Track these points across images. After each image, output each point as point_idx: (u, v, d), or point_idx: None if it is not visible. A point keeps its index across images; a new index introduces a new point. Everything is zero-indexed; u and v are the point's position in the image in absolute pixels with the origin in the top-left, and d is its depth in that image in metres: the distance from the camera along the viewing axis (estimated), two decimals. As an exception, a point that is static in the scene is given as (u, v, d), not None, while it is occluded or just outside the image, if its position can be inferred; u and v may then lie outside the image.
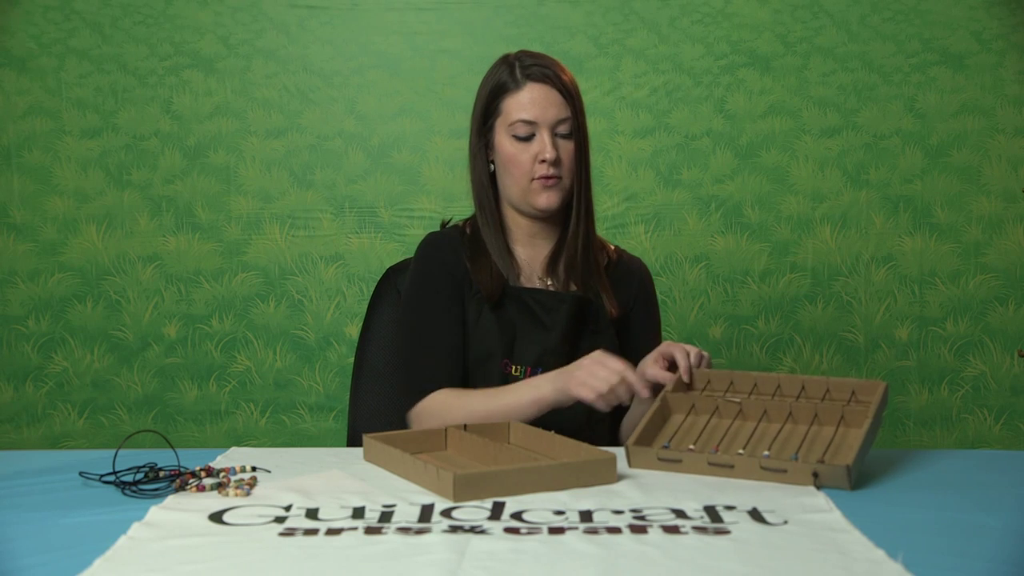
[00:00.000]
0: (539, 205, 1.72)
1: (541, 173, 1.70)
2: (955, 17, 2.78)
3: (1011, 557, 1.06)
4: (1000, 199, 2.80)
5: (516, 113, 1.71)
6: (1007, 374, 2.81)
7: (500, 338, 1.72)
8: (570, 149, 1.72)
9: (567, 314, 1.73)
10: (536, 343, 1.72)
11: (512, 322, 1.73)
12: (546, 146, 1.69)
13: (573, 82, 1.75)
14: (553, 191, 1.71)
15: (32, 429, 2.79)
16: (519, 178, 1.72)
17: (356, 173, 2.79)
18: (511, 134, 1.71)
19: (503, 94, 1.73)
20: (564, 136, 1.72)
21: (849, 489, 1.30)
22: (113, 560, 1.04)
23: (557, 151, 1.70)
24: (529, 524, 1.15)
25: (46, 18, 2.76)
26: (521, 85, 1.72)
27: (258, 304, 2.80)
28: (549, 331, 1.72)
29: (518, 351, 1.72)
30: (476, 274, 1.75)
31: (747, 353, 2.81)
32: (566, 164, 1.71)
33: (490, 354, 1.72)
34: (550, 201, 1.72)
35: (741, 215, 2.80)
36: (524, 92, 1.71)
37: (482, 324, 1.74)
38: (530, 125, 1.70)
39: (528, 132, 1.70)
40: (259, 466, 1.43)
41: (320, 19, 2.78)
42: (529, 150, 1.70)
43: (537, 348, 1.72)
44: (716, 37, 2.78)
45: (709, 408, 1.52)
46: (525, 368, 1.72)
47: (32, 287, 2.78)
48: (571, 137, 1.72)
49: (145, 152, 2.78)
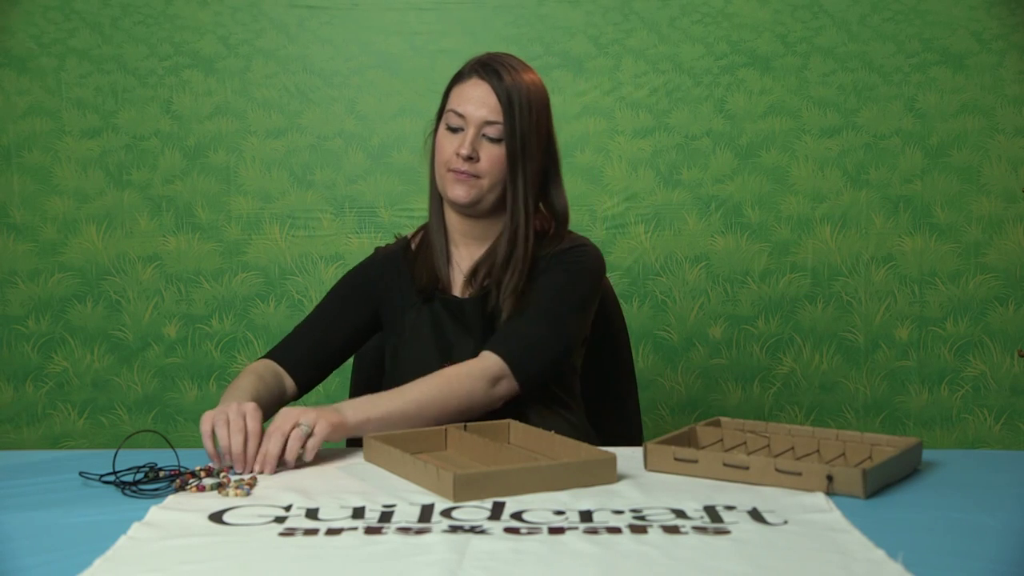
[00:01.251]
0: (448, 195, 1.71)
1: (453, 166, 1.69)
2: (955, 17, 2.78)
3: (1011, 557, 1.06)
4: (1000, 199, 2.80)
5: (453, 103, 1.71)
6: (1007, 374, 2.81)
7: (437, 343, 1.73)
8: (494, 153, 1.69)
9: (475, 317, 1.73)
10: (469, 346, 1.72)
11: (447, 327, 1.74)
12: (465, 142, 1.67)
13: (526, 93, 1.69)
14: (463, 185, 1.69)
15: (32, 429, 2.79)
16: (438, 166, 1.72)
17: (356, 173, 2.79)
18: (446, 123, 1.71)
19: (454, 83, 1.74)
20: (492, 139, 1.69)
21: (863, 497, 1.26)
22: (113, 560, 1.04)
23: (478, 151, 1.68)
24: (529, 524, 1.15)
25: (46, 18, 2.76)
26: (466, 78, 1.71)
27: (258, 304, 2.80)
28: (474, 336, 1.72)
29: (456, 355, 1.71)
30: (415, 273, 1.78)
31: (747, 353, 2.81)
32: (485, 166, 1.69)
33: (429, 359, 1.72)
34: (457, 194, 1.69)
35: (741, 215, 2.80)
36: (466, 86, 1.70)
37: (420, 329, 1.75)
38: (460, 118, 1.69)
39: (458, 124, 1.69)
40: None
41: (320, 19, 2.78)
42: (453, 141, 1.69)
43: (472, 351, 1.70)
44: (716, 37, 2.78)
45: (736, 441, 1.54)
46: None
47: (32, 287, 2.78)
48: (499, 142, 1.69)
49: (145, 152, 2.78)
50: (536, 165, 1.72)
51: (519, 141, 1.69)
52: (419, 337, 1.75)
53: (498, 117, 1.68)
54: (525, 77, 1.71)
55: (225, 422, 1.42)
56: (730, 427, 1.59)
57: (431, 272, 1.77)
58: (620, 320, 2.01)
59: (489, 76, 1.69)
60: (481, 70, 1.70)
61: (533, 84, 1.72)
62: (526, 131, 1.69)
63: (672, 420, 2.81)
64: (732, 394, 2.82)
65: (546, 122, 1.75)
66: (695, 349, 2.82)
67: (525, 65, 1.74)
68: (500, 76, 1.69)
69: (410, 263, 1.81)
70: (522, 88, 1.69)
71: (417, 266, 1.79)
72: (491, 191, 1.71)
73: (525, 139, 1.69)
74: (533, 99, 1.71)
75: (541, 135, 1.73)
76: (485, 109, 1.68)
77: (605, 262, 1.81)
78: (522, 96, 1.69)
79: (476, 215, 1.74)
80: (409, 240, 1.86)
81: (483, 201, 1.71)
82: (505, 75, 1.69)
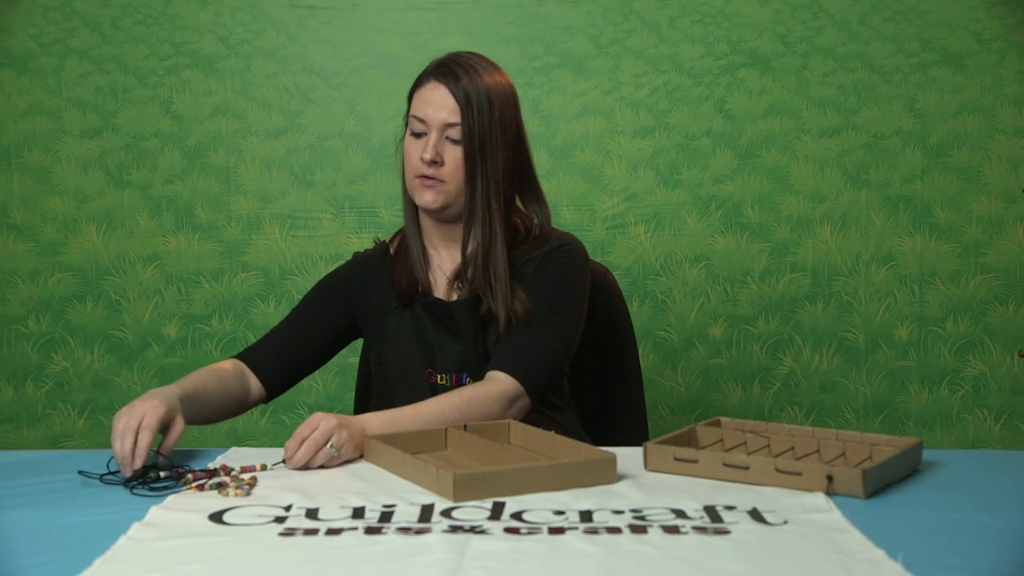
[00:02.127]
0: (419, 203, 1.70)
1: (420, 172, 1.68)
2: (955, 17, 2.78)
3: (1011, 557, 1.06)
4: (1000, 199, 2.80)
5: (414, 108, 1.70)
6: (1007, 374, 2.81)
7: (420, 348, 1.72)
8: (456, 154, 1.67)
9: (466, 320, 1.72)
10: (454, 350, 1.71)
11: (430, 331, 1.73)
12: (427, 146, 1.66)
13: (483, 91, 1.67)
14: (430, 191, 1.68)
15: (32, 429, 2.79)
16: (407, 172, 1.71)
17: (356, 173, 2.79)
18: (410, 129, 1.70)
19: (415, 88, 1.72)
20: (454, 141, 1.67)
21: (863, 497, 1.26)
22: (113, 560, 1.04)
23: (441, 153, 1.67)
24: (529, 524, 1.15)
25: (46, 18, 2.76)
26: (424, 82, 1.70)
27: (258, 304, 2.80)
28: (461, 338, 1.72)
29: (440, 359, 1.72)
30: (394, 278, 1.76)
31: (747, 353, 2.81)
32: (449, 169, 1.67)
33: (412, 364, 1.72)
34: (426, 200, 1.68)
35: (741, 215, 2.80)
36: (424, 89, 1.69)
37: (402, 335, 1.74)
38: (421, 123, 1.68)
39: (421, 129, 1.68)
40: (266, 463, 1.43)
41: (320, 19, 2.78)
42: (418, 147, 1.68)
43: (456, 355, 1.71)
44: (716, 37, 2.78)
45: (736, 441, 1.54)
46: (450, 375, 1.71)
47: (32, 287, 2.78)
48: (459, 143, 1.67)
49: (145, 152, 2.78)
50: (501, 164, 1.68)
51: (478, 141, 1.66)
52: (402, 342, 1.74)
53: (456, 118, 1.66)
54: (485, 76, 1.68)
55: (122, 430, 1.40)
56: (730, 427, 1.59)
57: (410, 277, 1.75)
58: (626, 317, 2.00)
59: (446, 78, 1.67)
60: (438, 72, 1.69)
61: (494, 82, 1.69)
62: (485, 130, 1.66)
63: (672, 420, 2.81)
64: (732, 394, 2.82)
65: (512, 119, 1.71)
66: (695, 349, 2.82)
67: (489, 63, 1.71)
68: (457, 76, 1.67)
69: (389, 267, 1.79)
70: (480, 87, 1.67)
71: (396, 271, 1.77)
72: (459, 195, 1.69)
73: (484, 138, 1.66)
74: (493, 97, 1.67)
75: (507, 132, 1.69)
76: (444, 111, 1.66)
77: (587, 250, 1.81)
78: (480, 95, 1.66)
79: (449, 219, 1.73)
80: (388, 244, 1.84)
81: (453, 205, 1.70)
82: (463, 75, 1.67)
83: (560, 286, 1.72)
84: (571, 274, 1.74)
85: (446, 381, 1.71)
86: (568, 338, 1.71)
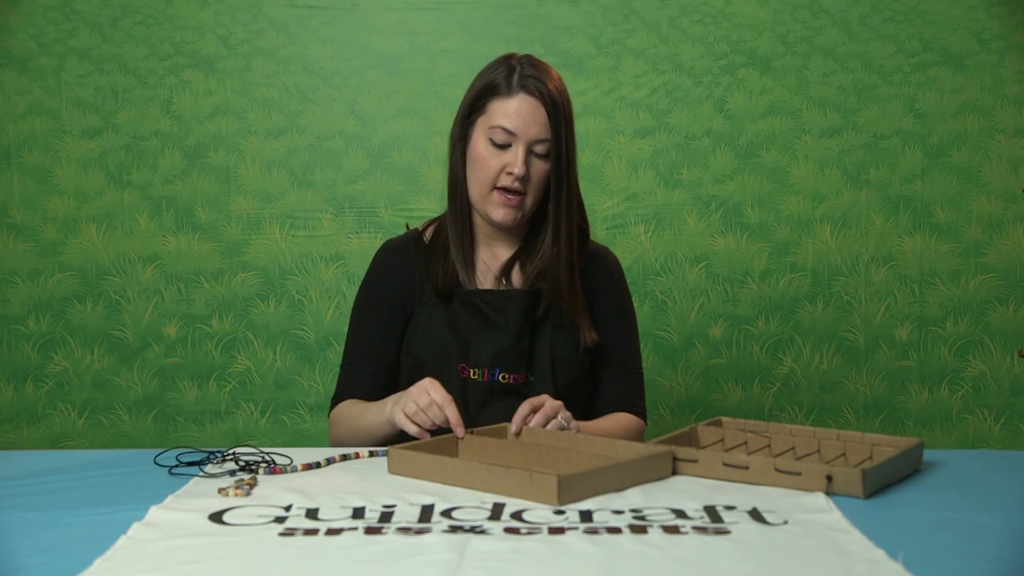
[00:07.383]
0: (495, 218, 1.70)
1: (503, 184, 1.67)
2: (955, 17, 2.78)
3: (1011, 557, 1.06)
4: (1000, 199, 2.80)
5: (499, 119, 1.67)
6: (1007, 374, 2.81)
7: (454, 342, 1.72)
8: (541, 170, 1.69)
9: (516, 312, 1.72)
10: (490, 344, 1.71)
11: (465, 325, 1.73)
12: (518, 160, 1.66)
13: (566, 104, 1.70)
14: (512, 209, 1.69)
15: (32, 429, 2.79)
16: (483, 181, 1.69)
17: (356, 173, 2.79)
18: (489, 137, 1.68)
19: (493, 95, 1.69)
20: (540, 156, 1.68)
21: (863, 497, 1.26)
22: (113, 560, 1.04)
23: (528, 169, 1.67)
24: (529, 524, 1.16)
25: (46, 18, 2.76)
26: (512, 93, 1.68)
27: (258, 304, 2.80)
28: (501, 330, 1.72)
29: (473, 354, 1.71)
30: (431, 271, 1.75)
31: (747, 353, 2.81)
32: (532, 184, 1.69)
33: (446, 358, 1.72)
34: (506, 217, 1.70)
35: (741, 215, 2.80)
36: (513, 101, 1.67)
37: (435, 328, 1.74)
38: (509, 135, 1.67)
39: (505, 141, 1.67)
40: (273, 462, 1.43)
41: (320, 19, 2.78)
42: (501, 158, 1.67)
43: (492, 349, 1.71)
44: (716, 37, 2.78)
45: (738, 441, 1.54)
46: (483, 370, 1.71)
47: (32, 287, 2.78)
48: (546, 158, 1.69)
49: (145, 152, 2.78)
50: (576, 174, 1.75)
51: (564, 156, 1.70)
52: (436, 335, 1.74)
53: (547, 134, 1.68)
54: (561, 87, 1.72)
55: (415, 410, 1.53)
56: (731, 427, 1.59)
57: (449, 273, 1.75)
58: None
59: (537, 92, 1.68)
60: (529, 84, 1.68)
61: (566, 92, 1.73)
62: (570, 146, 1.71)
63: (672, 420, 2.81)
64: (732, 394, 2.82)
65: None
66: (695, 349, 2.82)
67: (552, 70, 1.74)
68: (548, 91, 1.68)
69: (424, 259, 1.78)
70: (559, 101, 1.69)
71: (432, 265, 1.76)
72: (532, 207, 1.72)
73: (570, 154, 1.71)
74: (570, 109, 1.72)
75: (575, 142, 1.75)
76: (536, 127, 1.67)
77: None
78: (566, 109, 1.71)
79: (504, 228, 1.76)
80: (420, 233, 1.83)
81: (521, 219, 1.73)
82: (548, 89, 1.68)
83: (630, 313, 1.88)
84: (630, 296, 1.89)
85: (479, 376, 1.71)
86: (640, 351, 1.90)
